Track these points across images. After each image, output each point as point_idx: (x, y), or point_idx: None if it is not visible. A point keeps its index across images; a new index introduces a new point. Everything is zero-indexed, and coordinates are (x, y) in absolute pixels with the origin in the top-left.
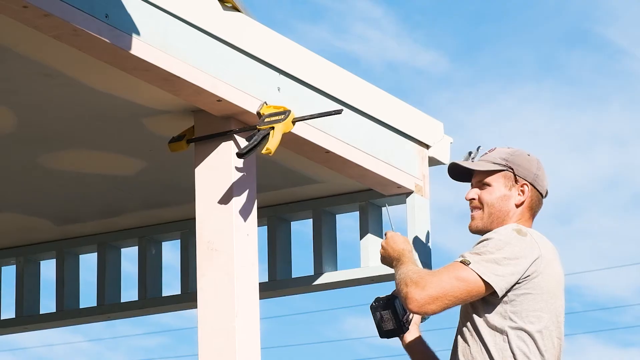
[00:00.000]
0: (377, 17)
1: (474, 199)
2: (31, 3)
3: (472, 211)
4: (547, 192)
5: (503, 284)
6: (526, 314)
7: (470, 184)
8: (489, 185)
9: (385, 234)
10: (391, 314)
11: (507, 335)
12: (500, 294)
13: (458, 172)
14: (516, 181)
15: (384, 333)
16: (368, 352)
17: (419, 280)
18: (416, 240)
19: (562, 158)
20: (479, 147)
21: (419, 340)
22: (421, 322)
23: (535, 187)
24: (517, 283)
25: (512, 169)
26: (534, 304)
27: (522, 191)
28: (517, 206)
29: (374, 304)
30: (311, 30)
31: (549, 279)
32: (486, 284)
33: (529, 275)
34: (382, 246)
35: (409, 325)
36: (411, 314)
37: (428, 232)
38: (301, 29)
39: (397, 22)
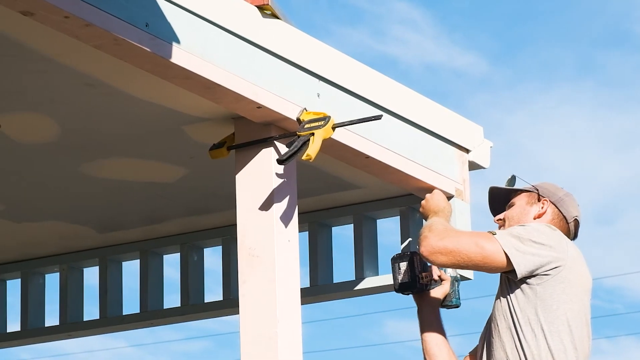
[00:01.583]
0: (415, 19)
1: (500, 219)
2: (72, 13)
3: None
4: (577, 224)
5: (521, 259)
6: (557, 306)
7: None
8: (513, 204)
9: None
10: (408, 267)
11: (542, 330)
12: (517, 270)
13: (496, 203)
14: (539, 200)
15: (399, 285)
16: (410, 355)
17: (443, 231)
18: None
19: (603, 159)
20: (513, 175)
21: (436, 315)
22: (442, 305)
23: (558, 208)
24: (545, 275)
25: (537, 190)
26: (563, 296)
27: (542, 206)
28: (535, 218)
29: (395, 256)
30: (350, 34)
31: (576, 276)
32: (507, 257)
33: (557, 267)
34: (425, 198)
35: (424, 284)
36: (429, 275)
37: None
38: (340, 33)
39: (435, 24)
